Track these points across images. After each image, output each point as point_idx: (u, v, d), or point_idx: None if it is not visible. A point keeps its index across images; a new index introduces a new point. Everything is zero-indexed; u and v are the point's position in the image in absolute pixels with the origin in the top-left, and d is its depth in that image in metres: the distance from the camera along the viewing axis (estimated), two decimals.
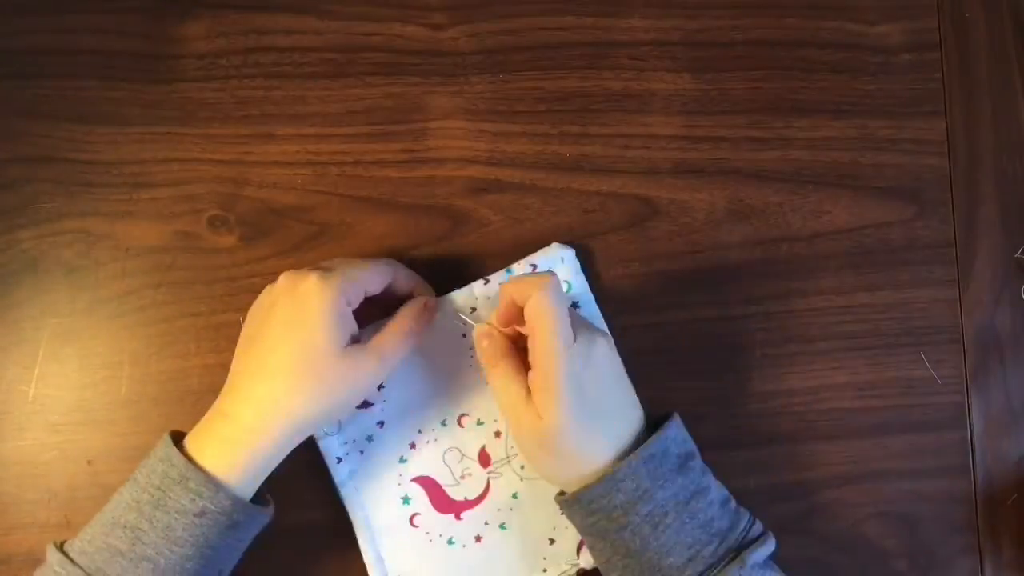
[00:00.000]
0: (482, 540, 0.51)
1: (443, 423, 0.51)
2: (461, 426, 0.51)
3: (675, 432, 0.46)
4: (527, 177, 0.55)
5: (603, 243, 0.54)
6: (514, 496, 0.51)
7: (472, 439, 0.51)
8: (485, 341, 0.46)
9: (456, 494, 0.51)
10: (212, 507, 0.41)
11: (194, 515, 0.41)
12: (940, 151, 0.57)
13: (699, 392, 0.54)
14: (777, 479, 0.54)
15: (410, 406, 0.51)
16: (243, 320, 0.52)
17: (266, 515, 0.45)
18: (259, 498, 0.45)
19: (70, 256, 0.52)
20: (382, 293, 0.47)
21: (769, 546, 0.45)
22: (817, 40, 0.57)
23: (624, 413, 0.46)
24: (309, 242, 0.53)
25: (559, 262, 0.52)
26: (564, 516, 0.48)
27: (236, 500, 0.42)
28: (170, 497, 0.41)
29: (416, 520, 0.50)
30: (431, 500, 0.51)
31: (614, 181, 0.55)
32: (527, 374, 0.44)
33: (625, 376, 0.46)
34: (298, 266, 0.52)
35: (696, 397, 0.54)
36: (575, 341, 0.43)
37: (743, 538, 0.44)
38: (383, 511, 0.50)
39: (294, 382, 0.42)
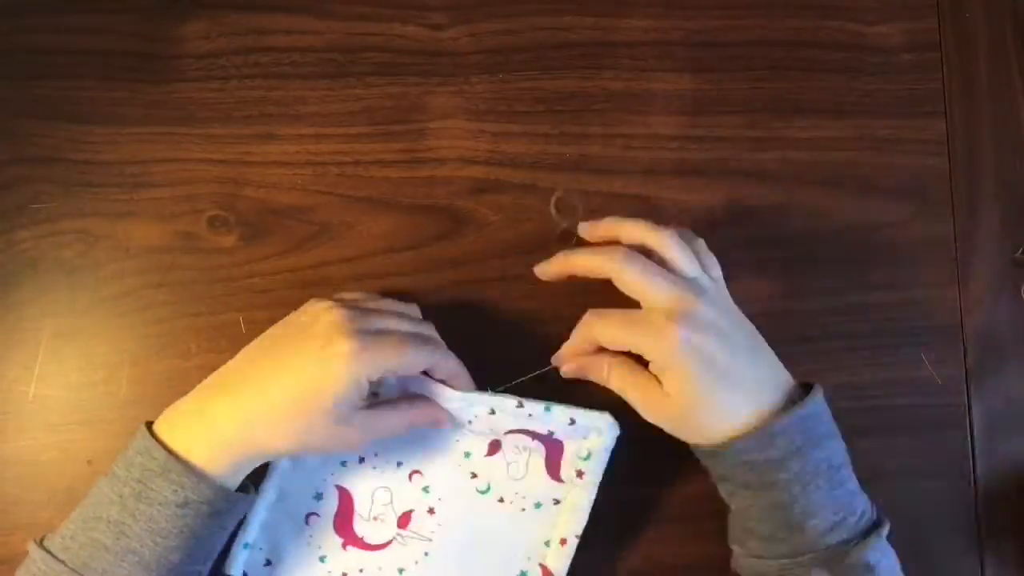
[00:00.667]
0: None
1: (398, 464, 0.49)
2: (409, 480, 0.49)
3: (823, 402, 0.46)
4: (527, 177, 0.55)
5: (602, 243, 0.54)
6: (400, 571, 0.49)
7: (409, 496, 0.49)
8: (606, 362, 0.46)
9: (359, 527, 0.49)
10: (194, 497, 0.41)
11: (177, 506, 0.41)
12: (940, 151, 0.57)
13: None
14: None
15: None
16: (243, 321, 0.52)
17: (248, 501, 0.45)
18: (242, 486, 0.45)
19: (70, 256, 0.52)
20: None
21: (886, 526, 0.46)
22: (817, 40, 0.57)
23: (759, 364, 0.45)
24: (309, 242, 0.53)
25: (595, 432, 0.47)
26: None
27: (218, 489, 0.42)
28: (152, 489, 0.41)
29: (311, 519, 0.49)
30: (336, 514, 0.49)
31: (614, 181, 0.55)
32: (645, 365, 0.44)
33: (747, 323, 0.46)
34: (296, 266, 0.53)
35: None
36: (679, 310, 0.43)
37: (875, 517, 0.46)
38: (296, 489, 0.49)
39: (286, 424, 0.42)
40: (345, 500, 0.49)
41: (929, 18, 0.58)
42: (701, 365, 0.43)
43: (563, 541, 0.48)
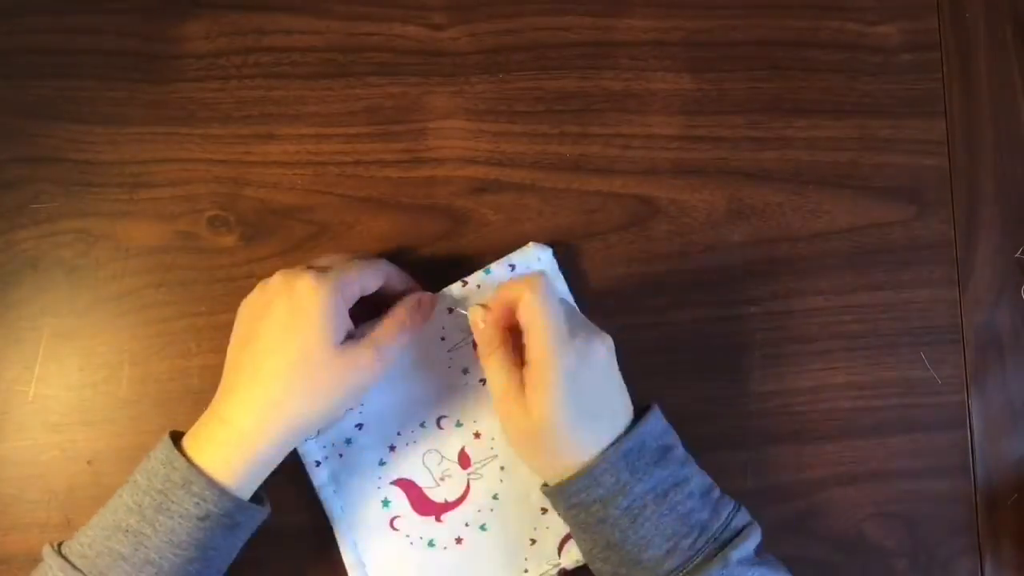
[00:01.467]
0: (463, 542, 0.51)
1: (422, 425, 0.51)
2: (440, 428, 0.51)
3: (653, 425, 0.46)
4: (527, 177, 0.55)
5: (603, 243, 0.54)
6: (494, 497, 0.51)
7: (451, 441, 0.51)
8: (482, 325, 0.46)
9: (436, 496, 0.51)
10: (215, 510, 0.41)
11: (197, 518, 0.41)
12: (940, 151, 0.57)
13: (699, 392, 0.54)
14: (777, 479, 0.54)
15: (389, 408, 0.51)
16: None
17: (265, 513, 0.45)
18: (256, 496, 0.45)
19: (70, 256, 0.52)
20: (376, 293, 0.47)
21: (754, 539, 0.44)
22: (817, 40, 0.57)
23: (614, 413, 0.45)
24: (309, 242, 0.53)
25: (535, 262, 0.52)
26: (544, 517, 0.49)
27: (238, 502, 0.42)
28: (173, 501, 0.41)
29: (396, 523, 0.50)
30: (411, 502, 0.50)
31: (614, 181, 0.55)
32: (522, 368, 0.44)
33: (619, 379, 0.46)
34: (297, 266, 0.52)
35: (696, 397, 0.54)
36: (574, 339, 0.43)
37: (725, 529, 0.44)
38: (363, 514, 0.50)
39: (292, 385, 0.42)
40: (409, 488, 0.51)
41: (929, 18, 0.58)
42: (575, 395, 0.43)
43: None
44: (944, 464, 0.55)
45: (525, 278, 0.44)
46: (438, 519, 0.51)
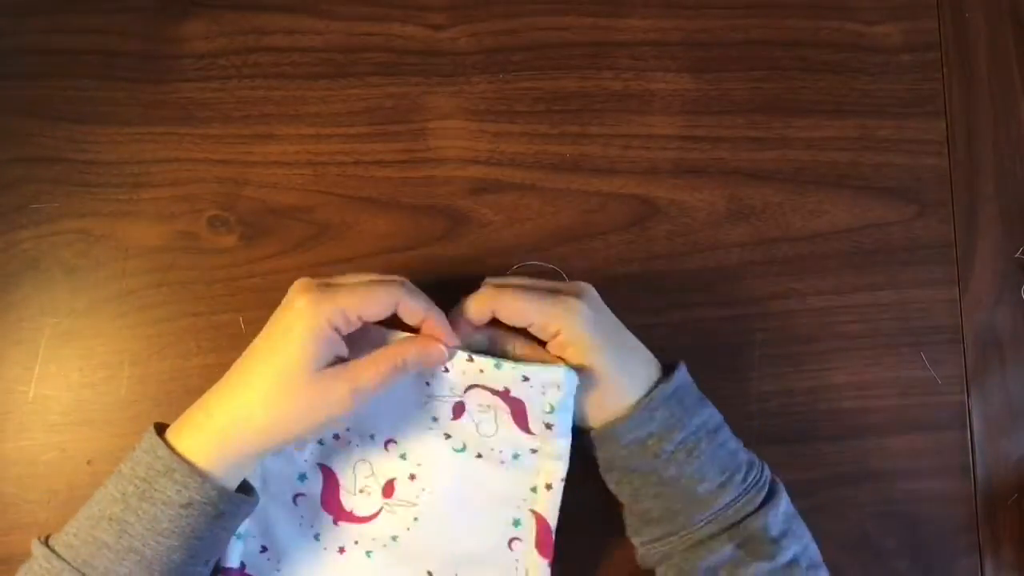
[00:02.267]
0: (344, 553, 0.50)
1: (371, 436, 0.49)
2: (385, 449, 0.49)
3: (686, 372, 0.48)
4: (527, 177, 0.55)
5: (603, 243, 0.54)
6: (393, 538, 0.49)
7: (388, 465, 0.49)
8: (513, 343, 0.47)
9: (346, 502, 0.50)
10: (198, 498, 0.41)
11: (180, 506, 0.41)
12: (940, 151, 0.57)
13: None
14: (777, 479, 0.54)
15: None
16: (243, 321, 0.52)
17: (251, 504, 0.45)
18: (243, 487, 0.45)
19: (70, 256, 0.52)
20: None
21: (783, 498, 0.47)
22: (817, 40, 0.57)
23: (646, 356, 0.48)
24: (309, 242, 0.53)
25: (554, 388, 0.45)
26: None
27: (221, 490, 0.42)
28: (156, 488, 0.41)
29: (298, 500, 0.49)
30: (323, 491, 0.50)
31: (614, 181, 0.55)
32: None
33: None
34: (296, 266, 0.53)
35: None
36: (561, 298, 0.45)
37: (763, 472, 0.47)
38: (277, 473, 0.49)
39: (266, 400, 0.42)
40: (329, 477, 0.50)
41: (929, 18, 0.58)
42: (604, 337, 0.45)
43: (548, 486, 0.48)
44: (944, 464, 0.55)
45: (484, 292, 0.46)
46: (335, 522, 0.50)
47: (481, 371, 0.46)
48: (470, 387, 0.47)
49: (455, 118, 0.55)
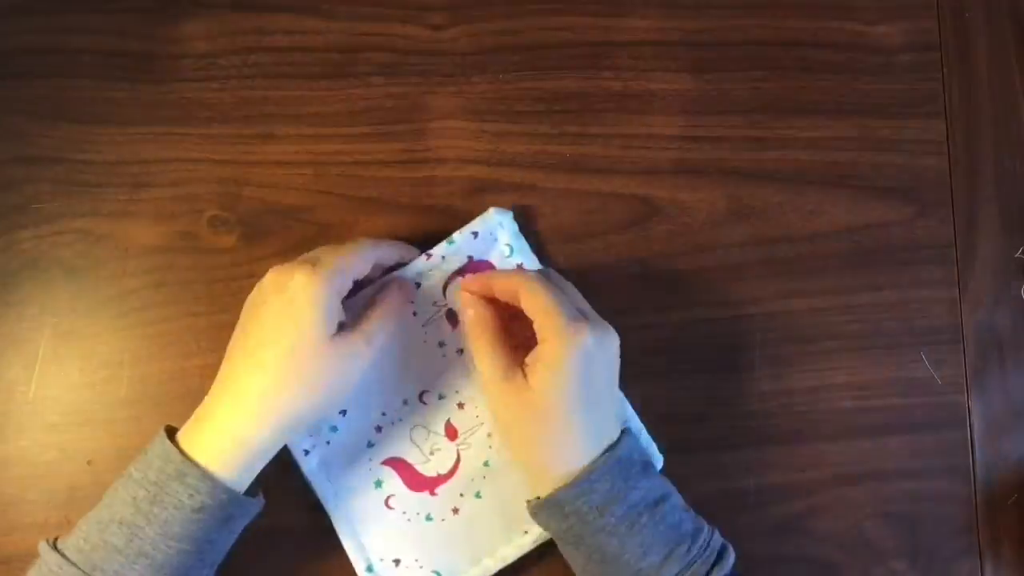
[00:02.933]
0: (460, 511, 0.51)
1: (405, 402, 0.51)
2: (424, 403, 0.51)
3: (635, 438, 0.47)
4: (527, 177, 0.55)
5: (603, 243, 0.54)
6: (486, 464, 0.51)
7: (436, 414, 0.51)
8: (471, 311, 0.47)
9: (428, 470, 0.51)
10: (209, 502, 0.41)
11: (192, 510, 0.41)
12: (940, 151, 0.57)
13: (699, 392, 0.54)
14: (777, 479, 0.54)
15: (370, 390, 0.50)
16: None
17: (259, 506, 0.45)
18: (250, 489, 0.45)
19: (70, 256, 0.52)
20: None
21: (730, 560, 0.45)
22: (817, 40, 0.57)
23: (610, 417, 0.46)
24: (309, 242, 0.53)
25: (498, 227, 0.52)
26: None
27: (232, 494, 0.42)
28: (167, 493, 0.41)
29: (391, 502, 0.50)
30: (404, 480, 0.51)
31: (614, 181, 0.55)
32: (515, 350, 0.45)
33: (617, 384, 0.47)
34: None
35: (696, 397, 0.54)
36: (592, 321, 0.44)
37: (709, 543, 0.44)
38: (357, 497, 0.50)
39: (284, 379, 0.42)
40: (399, 466, 0.51)
41: (929, 18, 0.58)
42: (582, 383, 0.43)
43: None
44: (944, 464, 0.55)
45: (517, 272, 0.46)
46: (432, 493, 0.51)
47: (443, 258, 0.51)
48: (446, 285, 0.51)
49: (455, 118, 0.55)
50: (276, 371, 0.42)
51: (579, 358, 0.43)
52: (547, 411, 0.43)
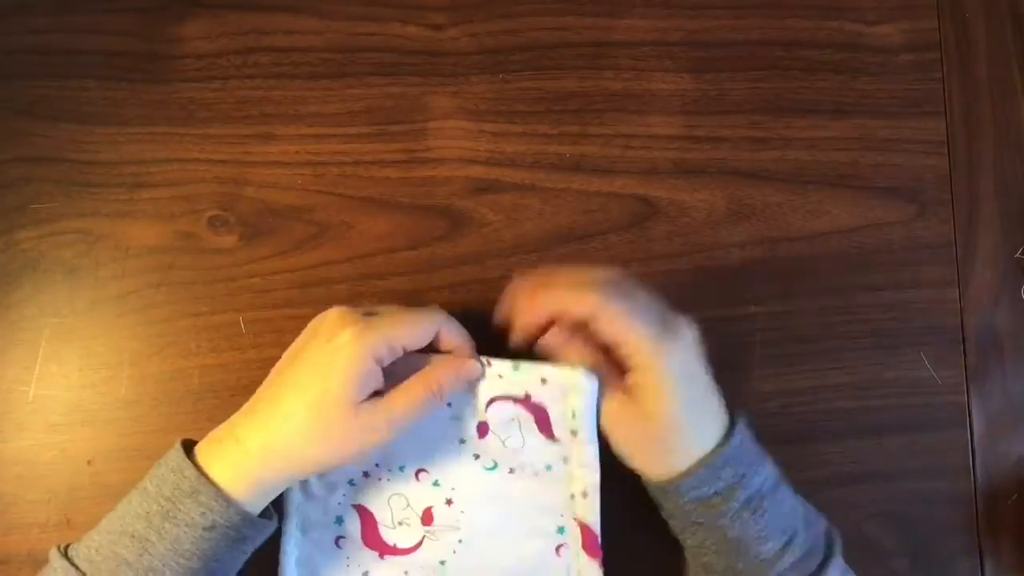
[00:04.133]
0: None
1: (401, 468, 0.49)
2: (417, 480, 0.49)
3: (748, 428, 0.47)
4: (527, 177, 0.55)
5: (603, 243, 0.54)
6: (441, 563, 0.49)
7: (422, 495, 0.49)
8: (573, 351, 0.45)
9: (388, 536, 0.49)
10: (221, 521, 0.41)
11: (203, 528, 0.41)
12: (940, 151, 0.57)
13: None
14: None
15: None
16: (243, 321, 0.52)
17: (271, 528, 0.45)
18: (264, 511, 0.45)
19: (70, 256, 0.52)
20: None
21: (839, 545, 0.46)
22: (817, 40, 0.57)
23: (717, 405, 0.45)
24: (309, 242, 0.53)
25: (572, 390, 0.45)
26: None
27: (245, 515, 0.42)
28: (180, 509, 0.41)
29: (341, 542, 0.49)
30: (362, 530, 0.49)
31: (614, 181, 0.55)
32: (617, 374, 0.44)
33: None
34: (296, 266, 0.53)
35: None
36: (673, 331, 0.43)
37: (821, 532, 0.46)
38: (315, 519, 0.49)
39: (302, 429, 0.42)
40: (366, 516, 0.49)
41: (929, 18, 0.58)
42: (687, 387, 0.43)
43: (584, 494, 0.47)
44: (944, 464, 0.55)
45: (583, 292, 0.43)
46: (381, 556, 0.49)
47: (500, 376, 0.46)
48: (491, 401, 0.47)
49: (455, 118, 0.55)
50: (296, 422, 0.42)
51: (679, 375, 0.43)
52: (662, 428, 0.43)
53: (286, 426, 0.42)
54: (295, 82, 0.54)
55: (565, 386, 0.45)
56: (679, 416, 0.43)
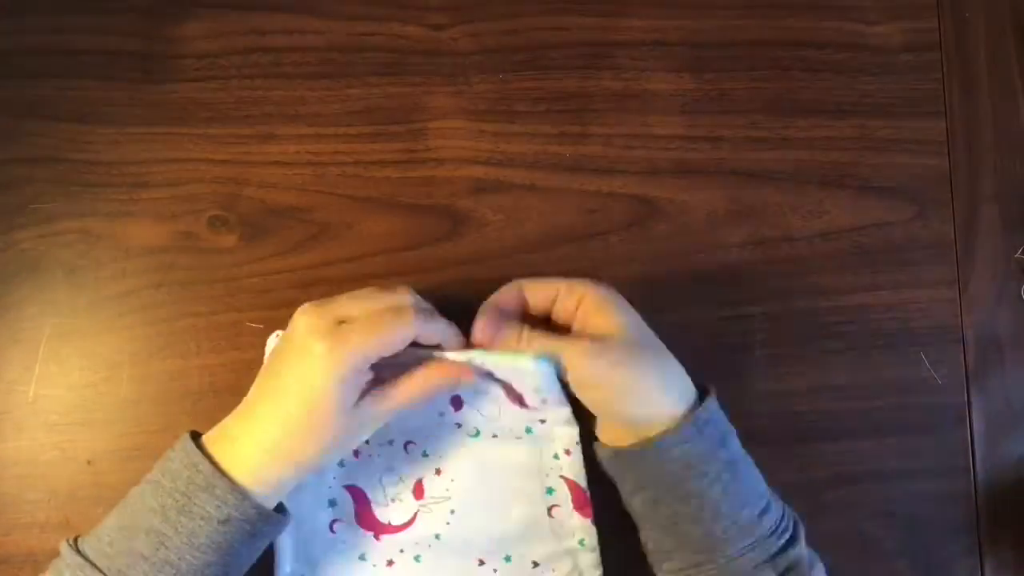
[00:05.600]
0: (393, 566, 0.50)
1: (390, 443, 0.50)
2: (406, 452, 0.50)
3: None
4: (527, 177, 0.55)
5: (603, 243, 0.54)
6: (436, 536, 0.50)
7: (413, 467, 0.50)
8: (520, 333, 0.45)
9: (381, 515, 0.50)
10: (237, 515, 0.41)
11: (219, 521, 0.41)
12: (940, 151, 0.57)
13: None
14: (777, 479, 0.54)
15: None
16: (249, 322, 0.52)
17: (286, 522, 0.45)
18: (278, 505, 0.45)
19: (70, 256, 0.52)
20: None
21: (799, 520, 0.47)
22: (817, 40, 0.57)
23: (683, 372, 0.46)
24: (309, 242, 0.53)
25: (531, 375, 0.45)
26: (480, 569, 0.49)
27: (260, 508, 0.42)
28: (195, 503, 0.41)
29: (336, 527, 0.50)
30: (356, 511, 0.50)
31: (614, 181, 0.55)
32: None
33: None
34: (297, 266, 0.53)
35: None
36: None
37: (783, 504, 0.46)
38: (307, 507, 0.49)
39: (298, 433, 0.42)
40: (358, 496, 0.50)
41: (929, 18, 0.58)
42: (642, 332, 0.45)
43: (567, 451, 0.48)
44: (944, 464, 0.55)
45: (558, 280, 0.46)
46: (377, 537, 0.50)
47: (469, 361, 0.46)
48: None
49: (455, 118, 0.55)
50: (291, 425, 0.42)
51: (632, 319, 0.44)
52: (631, 374, 0.43)
53: (280, 431, 0.42)
54: (295, 82, 0.54)
55: (519, 370, 0.45)
56: (641, 356, 0.44)
